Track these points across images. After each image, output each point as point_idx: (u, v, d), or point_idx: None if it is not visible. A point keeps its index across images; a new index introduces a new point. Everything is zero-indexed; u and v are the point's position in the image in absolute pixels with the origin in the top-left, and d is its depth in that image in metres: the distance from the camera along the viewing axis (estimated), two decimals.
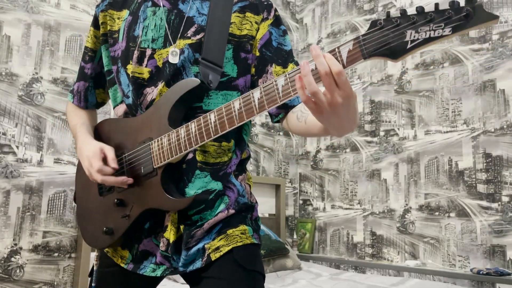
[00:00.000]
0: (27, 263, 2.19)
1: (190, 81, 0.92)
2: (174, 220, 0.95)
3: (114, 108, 1.09)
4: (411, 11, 3.04)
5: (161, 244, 0.95)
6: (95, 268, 1.04)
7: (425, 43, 0.65)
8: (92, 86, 1.13)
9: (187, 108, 0.95)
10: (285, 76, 0.75)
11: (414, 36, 0.65)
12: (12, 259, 2.15)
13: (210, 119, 0.85)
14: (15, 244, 2.17)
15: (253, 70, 1.03)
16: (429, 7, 2.94)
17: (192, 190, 0.95)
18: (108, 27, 1.07)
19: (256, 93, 0.79)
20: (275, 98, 0.76)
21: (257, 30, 1.03)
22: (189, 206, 0.90)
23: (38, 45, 2.38)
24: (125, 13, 1.06)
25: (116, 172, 0.96)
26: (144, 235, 0.99)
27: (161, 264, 0.97)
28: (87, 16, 2.58)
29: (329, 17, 3.71)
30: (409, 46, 0.66)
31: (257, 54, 1.02)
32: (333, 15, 3.67)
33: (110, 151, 0.96)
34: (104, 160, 0.95)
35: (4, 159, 2.19)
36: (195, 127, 0.87)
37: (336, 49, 0.71)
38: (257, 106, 0.79)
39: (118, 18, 1.06)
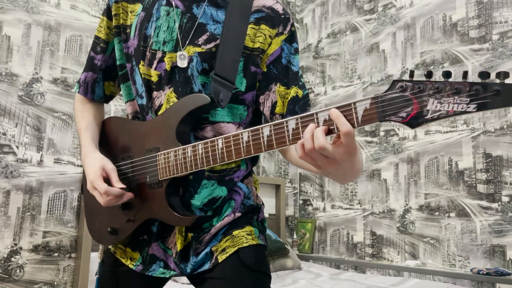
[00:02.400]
0: (27, 263, 2.19)
1: (200, 98, 0.90)
2: (181, 228, 0.95)
3: (125, 103, 1.07)
4: (411, 11, 3.05)
5: (173, 251, 0.96)
6: (98, 260, 1.04)
7: (446, 116, 0.61)
8: (101, 78, 1.09)
9: (195, 121, 0.94)
10: (296, 120, 0.73)
11: (436, 107, 0.61)
12: (12, 259, 2.15)
13: (217, 145, 0.84)
14: (15, 244, 2.17)
15: (257, 85, 1.00)
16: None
17: (198, 201, 0.94)
18: (121, 21, 1.03)
19: (265, 130, 0.77)
20: (284, 140, 0.74)
21: (269, 44, 0.99)
22: (193, 223, 0.90)
23: (38, 45, 2.38)
24: (138, 7, 1.02)
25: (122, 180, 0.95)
26: (153, 239, 0.99)
27: (173, 270, 0.98)
28: (87, 16, 2.58)
29: (329, 17, 3.71)
30: (429, 116, 0.62)
31: (264, 69, 0.99)
32: (333, 15, 3.67)
33: (113, 173, 0.93)
34: (107, 181, 0.92)
35: (4, 159, 2.19)
36: (202, 149, 0.86)
37: (352, 105, 0.68)
38: (265, 143, 0.77)
39: (131, 12, 1.03)
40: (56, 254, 2.30)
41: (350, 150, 0.68)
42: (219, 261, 0.93)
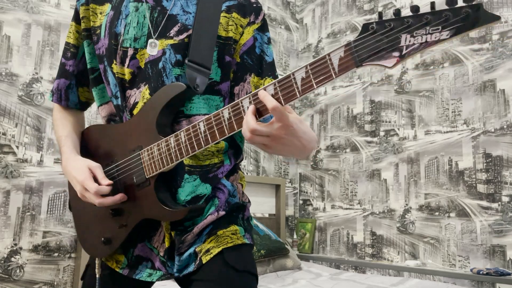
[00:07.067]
0: (27, 263, 2.19)
1: (176, 86, 0.89)
2: (167, 226, 0.94)
3: (98, 107, 1.05)
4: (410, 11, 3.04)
5: (161, 250, 0.94)
6: (97, 276, 0.99)
7: (422, 48, 0.60)
8: (74, 84, 1.07)
9: (175, 113, 0.92)
10: (271, 89, 0.75)
11: (410, 41, 0.60)
12: (12, 259, 2.15)
13: (200, 129, 0.82)
14: (15, 244, 2.17)
15: (231, 75, 0.99)
16: (425, 6, 2.94)
17: (183, 196, 0.92)
18: (91, 23, 1.02)
19: (245, 102, 0.76)
20: (265, 107, 0.74)
21: (241, 34, 0.98)
22: (185, 216, 0.88)
23: (38, 45, 2.38)
24: (107, 7, 1.00)
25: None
26: (138, 239, 0.97)
27: (158, 270, 0.95)
28: None
29: (329, 17, 3.71)
30: (404, 51, 0.61)
31: (238, 60, 0.98)
32: (333, 15, 3.67)
33: (98, 170, 0.92)
34: (95, 180, 0.91)
35: (4, 159, 2.19)
36: (184, 136, 0.84)
37: (327, 56, 0.67)
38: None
39: (101, 13, 1.01)
40: (56, 254, 2.30)
41: (285, 124, 0.71)
42: (203, 262, 0.91)
